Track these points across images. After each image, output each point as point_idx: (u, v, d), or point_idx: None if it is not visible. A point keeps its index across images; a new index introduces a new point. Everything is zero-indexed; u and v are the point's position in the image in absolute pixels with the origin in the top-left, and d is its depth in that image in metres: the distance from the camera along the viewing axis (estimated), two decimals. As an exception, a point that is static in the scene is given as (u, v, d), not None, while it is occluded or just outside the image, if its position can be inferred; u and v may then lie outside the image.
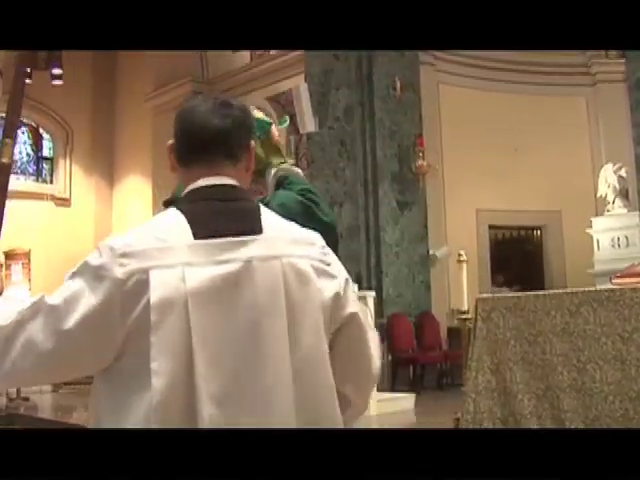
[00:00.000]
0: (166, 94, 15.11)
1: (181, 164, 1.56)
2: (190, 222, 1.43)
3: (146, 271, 1.36)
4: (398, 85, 11.45)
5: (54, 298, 1.44)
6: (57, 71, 15.51)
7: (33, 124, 17.23)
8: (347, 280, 1.54)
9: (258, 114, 2.57)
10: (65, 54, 15.05)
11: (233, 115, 1.54)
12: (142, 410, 1.33)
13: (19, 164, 17.08)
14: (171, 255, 1.38)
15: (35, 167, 17.27)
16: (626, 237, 11.77)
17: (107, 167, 17.51)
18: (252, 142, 1.58)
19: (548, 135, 12.84)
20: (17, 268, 13.54)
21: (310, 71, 11.59)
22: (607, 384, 4.36)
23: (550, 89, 12.93)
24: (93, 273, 1.40)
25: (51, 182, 17.27)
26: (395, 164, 11.51)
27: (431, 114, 12.23)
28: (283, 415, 1.38)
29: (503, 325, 4.81)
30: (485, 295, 5.50)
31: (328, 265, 1.52)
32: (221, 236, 1.42)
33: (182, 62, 14.15)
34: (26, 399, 12.30)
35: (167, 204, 2.41)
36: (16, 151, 17.02)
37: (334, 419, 1.47)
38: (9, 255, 13.61)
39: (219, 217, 1.45)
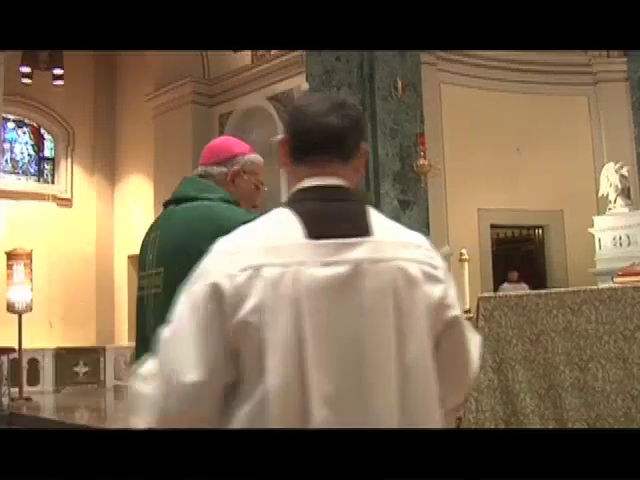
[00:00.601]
0: (167, 94, 15.11)
1: (292, 161, 1.54)
2: (302, 221, 1.42)
3: (259, 268, 1.36)
4: (399, 85, 11.45)
5: (171, 324, 1.43)
6: (58, 71, 15.55)
7: (34, 124, 17.24)
8: (451, 283, 1.53)
9: None
10: (66, 55, 15.09)
11: (350, 115, 1.52)
12: (254, 409, 1.33)
13: (20, 164, 17.10)
14: (284, 254, 1.38)
15: (36, 167, 17.28)
16: (628, 236, 11.76)
17: (108, 167, 17.53)
18: (364, 143, 1.57)
19: (550, 134, 12.83)
20: (19, 268, 13.55)
21: (311, 71, 11.59)
22: (609, 383, 4.36)
23: (551, 88, 12.91)
24: (206, 275, 1.40)
25: (52, 182, 17.28)
26: (397, 163, 11.51)
27: (433, 113, 12.22)
28: (385, 420, 1.37)
29: (505, 324, 4.80)
30: (487, 294, 5.50)
31: (435, 269, 1.50)
32: (332, 237, 1.41)
33: (183, 62, 14.15)
34: (28, 399, 12.32)
35: (167, 205, 2.40)
36: (17, 151, 17.05)
37: (436, 426, 1.46)
38: (11, 255, 13.62)
39: (331, 218, 1.44)
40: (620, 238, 11.81)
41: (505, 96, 12.75)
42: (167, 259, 2.18)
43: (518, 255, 13.43)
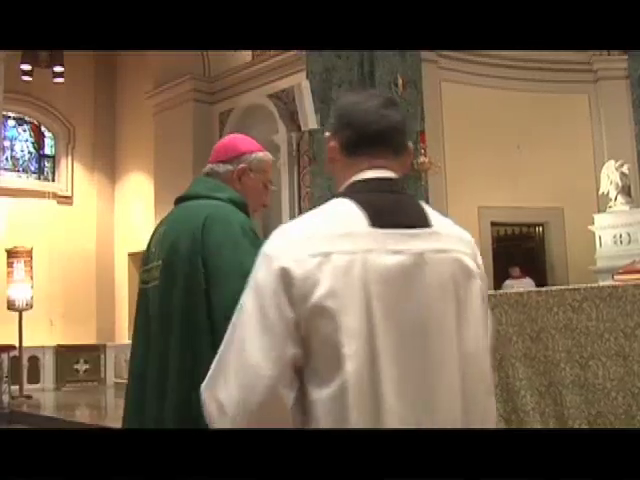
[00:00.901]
0: (167, 92, 15.10)
1: (346, 155, 1.56)
2: (364, 211, 1.44)
3: (328, 255, 1.36)
4: (400, 82, 11.43)
5: (237, 316, 1.40)
6: (59, 69, 15.54)
7: (35, 122, 17.24)
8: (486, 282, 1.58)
9: None
10: (67, 52, 15.06)
11: (402, 113, 1.58)
12: (333, 395, 1.33)
13: (21, 162, 17.10)
14: (351, 242, 1.38)
15: (37, 165, 17.28)
16: (628, 234, 11.76)
17: (109, 165, 17.53)
18: (410, 143, 1.61)
19: (550, 132, 12.82)
20: (19, 266, 13.56)
21: (312, 68, 11.59)
22: (610, 380, 4.36)
23: (552, 86, 12.91)
24: (270, 261, 1.38)
25: (53, 180, 17.28)
26: (397, 161, 11.50)
27: (433, 111, 12.20)
28: (449, 415, 1.41)
29: (505, 321, 4.80)
30: (488, 292, 5.49)
31: (480, 264, 1.57)
32: (395, 227, 1.43)
33: (183, 60, 14.14)
34: (29, 397, 12.33)
35: (178, 202, 2.41)
36: (17, 149, 17.05)
37: (493, 419, 1.52)
38: (11, 253, 13.62)
39: (391, 208, 1.47)
40: (620, 236, 11.82)
41: (506, 94, 12.74)
42: (165, 253, 2.21)
43: (519, 252, 13.43)
